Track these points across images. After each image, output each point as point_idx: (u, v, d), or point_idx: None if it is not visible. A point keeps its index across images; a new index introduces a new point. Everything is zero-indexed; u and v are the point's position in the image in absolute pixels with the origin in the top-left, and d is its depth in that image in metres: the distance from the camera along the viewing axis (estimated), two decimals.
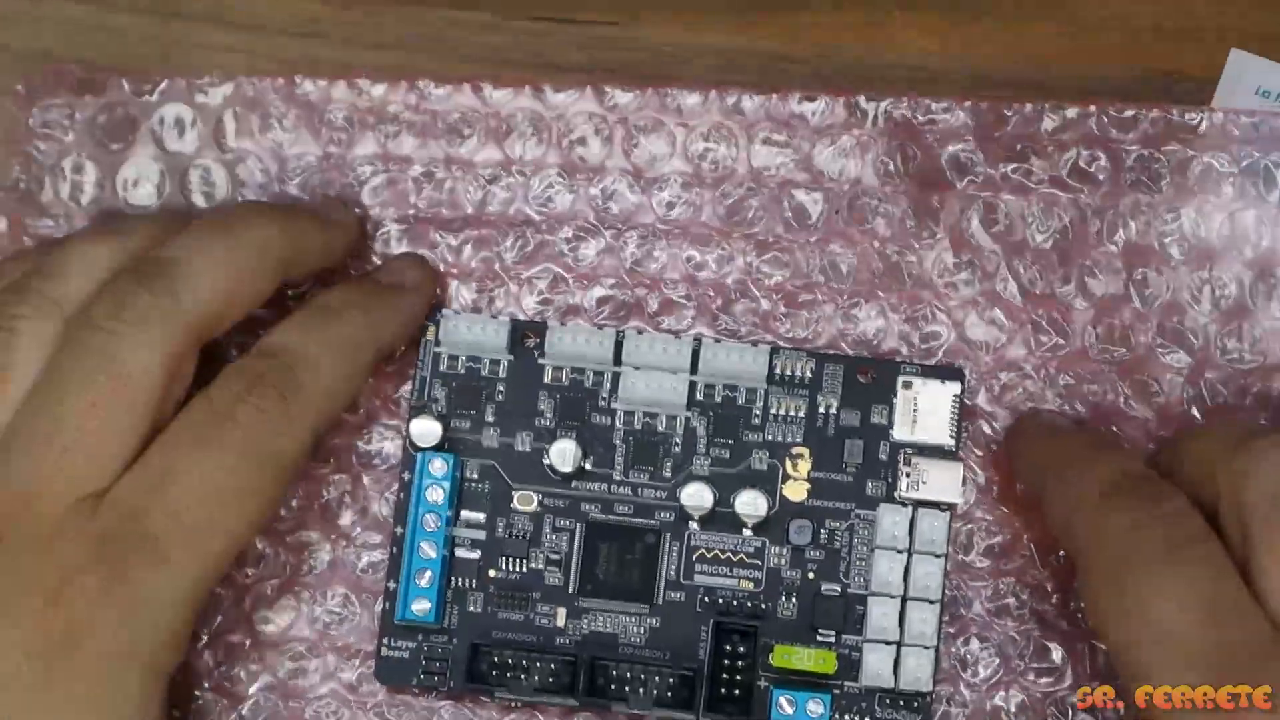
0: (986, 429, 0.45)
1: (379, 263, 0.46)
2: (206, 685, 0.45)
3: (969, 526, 0.45)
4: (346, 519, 0.45)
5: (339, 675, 0.45)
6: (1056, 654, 0.44)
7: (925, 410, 0.45)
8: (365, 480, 0.45)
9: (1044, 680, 0.44)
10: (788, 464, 0.44)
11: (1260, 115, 0.45)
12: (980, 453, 0.45)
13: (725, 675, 0.43)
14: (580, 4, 0.47)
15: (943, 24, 0.47)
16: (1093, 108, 0.45)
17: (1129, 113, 0.45)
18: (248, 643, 0.45)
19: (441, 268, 0.46)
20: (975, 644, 0.44)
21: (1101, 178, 0.45)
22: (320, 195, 0.46)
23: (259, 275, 0.41)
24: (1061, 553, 0.44)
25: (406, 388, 0.45)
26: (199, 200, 0.46)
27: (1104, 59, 0.46)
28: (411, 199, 0.46)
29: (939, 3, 0.47)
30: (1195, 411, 0.44)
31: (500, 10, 0.47)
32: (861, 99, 0.46)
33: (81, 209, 0.46)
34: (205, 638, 0.45)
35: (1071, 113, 0.45)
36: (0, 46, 0.47)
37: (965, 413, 0.45)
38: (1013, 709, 0.44)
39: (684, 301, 0.46)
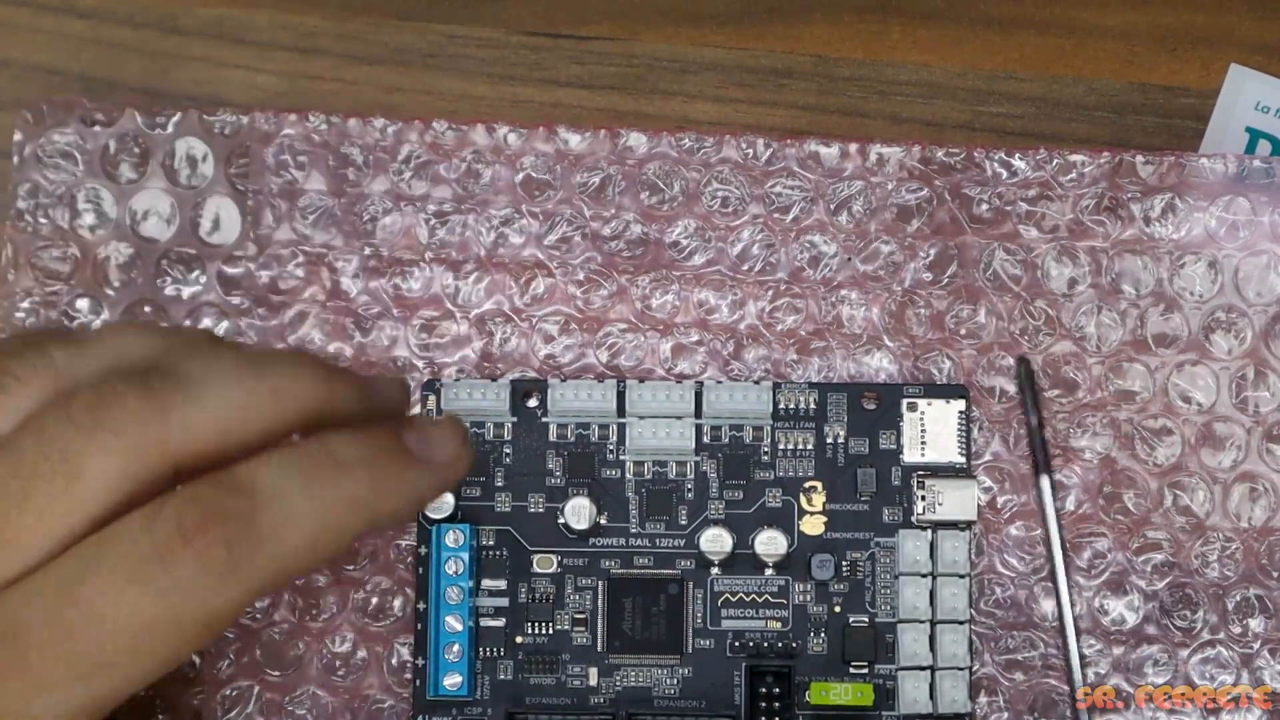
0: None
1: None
2: None
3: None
4: (356, 565, 0.45)
5: None
6: None
7: (933, 431, 0.44)
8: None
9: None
10: (802, 499, 0.44)
11: None
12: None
13: (764, 718, 0.43)
14: (580, 19, 0.47)
15: (942, 37, 0.47)
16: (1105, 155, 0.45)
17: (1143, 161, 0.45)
18: (255, 689, 0.45)
19: (449, 306, 0.46)
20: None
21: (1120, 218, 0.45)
22: (379, 372, 0.45)
23: (267, 418, 0.36)
24: None
25: None
26: (213, 237, 0.46)
27: (1103, 74, 0.46)
28: (423, 239, 0.46)
29: (938, 15, 0.47)
30: None
31: (499, 25, 0.47)
32: (877, 146, 0.46)
33: (90, 236, 0.46)
34: (222, 694, 0.44)
35: (1083, 159, 0.45)
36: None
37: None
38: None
39: (695, 346, 0.45)
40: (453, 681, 0.43)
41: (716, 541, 0.44)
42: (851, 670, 0.44)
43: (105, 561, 0.33)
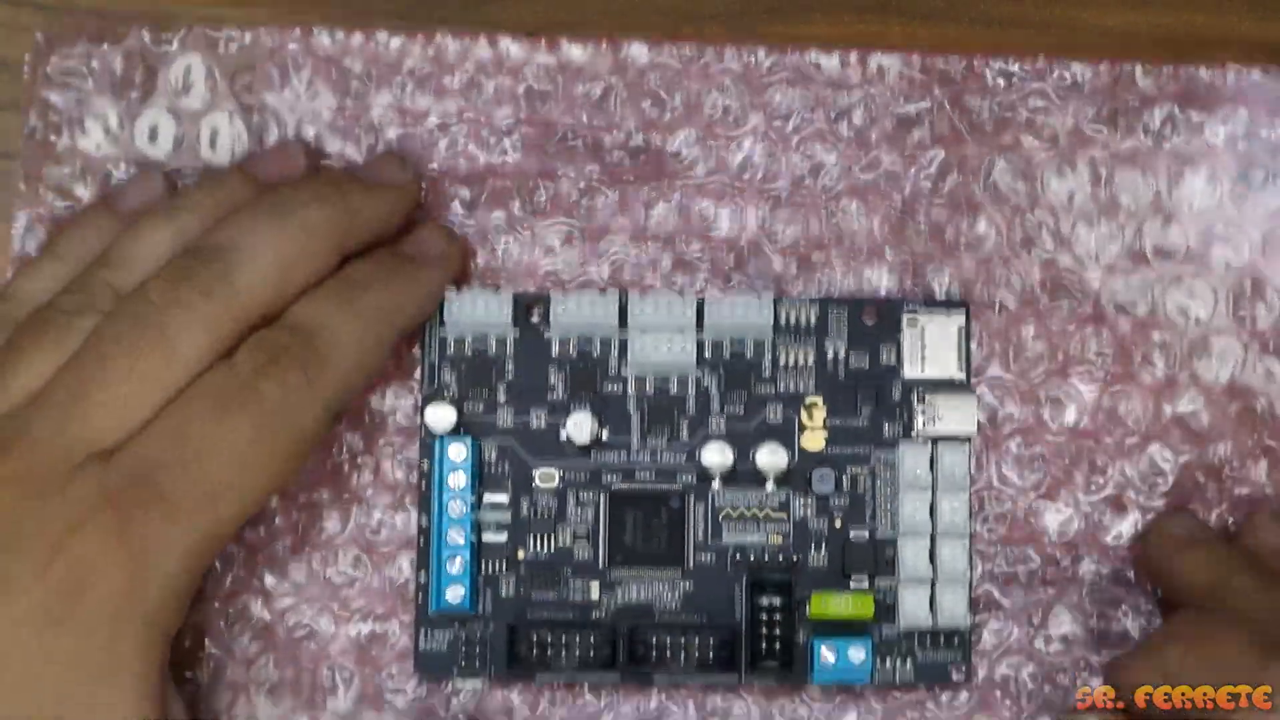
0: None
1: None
2: (216, 648, 0.44)
3: None
4: (358, 480, 0.45)
5: (350, 637, 0.44)
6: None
7: (933, 345, 0.45)
8: (378, 441, 0.45)
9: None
10: (803, 414, 0.44)
11: None
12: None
13: (764, 631, 0.43)
14: None
15: (942, 36, 0.46)
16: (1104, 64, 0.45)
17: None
18: (258, 603, 0.45)
19: (451, 217, 0.46)
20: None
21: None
22: (377, 153, 0.46)
23: (313, 258, 0.41)
24: None
25: (417, 372, 0.45)
26: (220, 156, 0.46)
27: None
28: (426, 153, 0.46)
29: (938, 15, 0.47)
30: None
31: None
32: (878, 55, 0.46)
33: (99, 155, 0.46)
34: (216, 602, 0.45)
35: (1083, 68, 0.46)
36: None
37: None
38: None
39: (697, 262, 0.45)
40: (455, 595, 0.43)
41: (718, 456, 0.44)
42: (852, 584, 0.44)
43: (204, 402, 0.39)
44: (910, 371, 0.45)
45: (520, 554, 0.44)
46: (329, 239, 0.42)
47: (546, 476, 0.44)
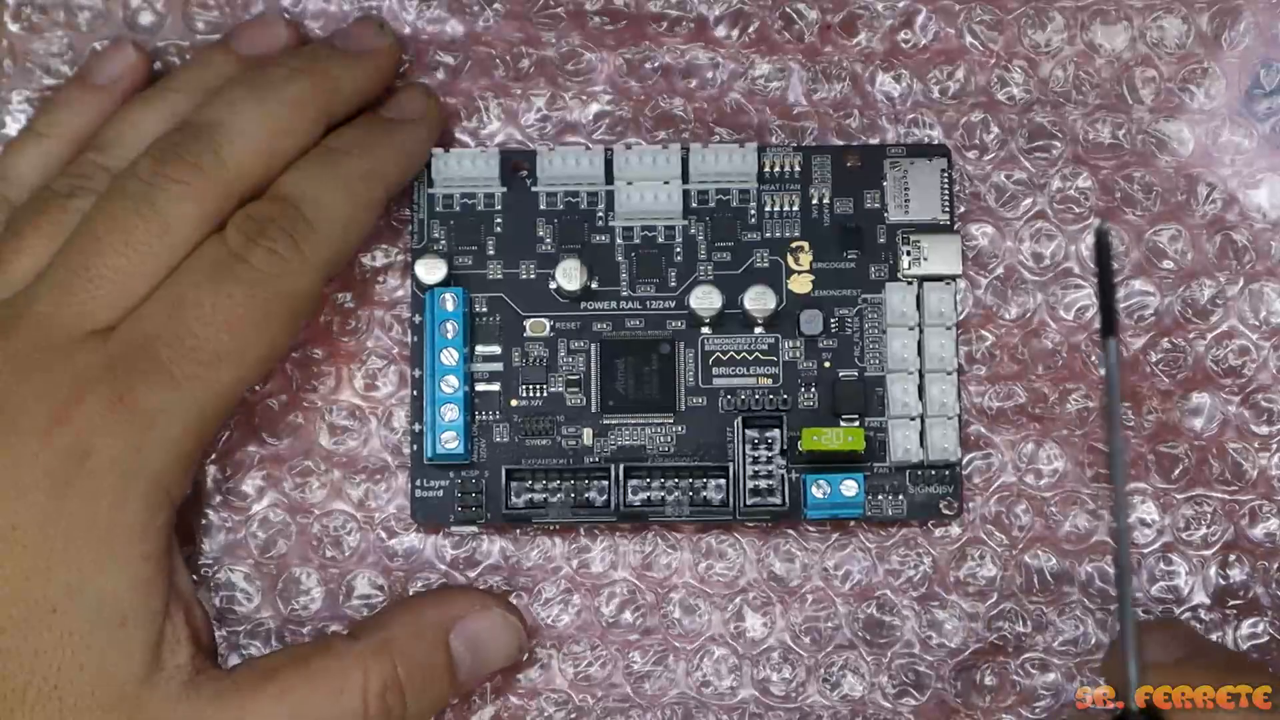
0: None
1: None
2: (214, 502, 0.45)
3: None
4: (351, 336, 0.46)
5: (346, 491, 0.45)
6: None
7: (916, 189, 0.45)
8: (370, 298, 0.46)
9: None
10: (789, 259, 0.45)
11: None
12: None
13: (756, 469, 0.44)
14: None
15: None
16: None
17: None
18: (255, 458, 0.45)
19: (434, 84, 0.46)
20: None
21: None
22: (353, 17, 0.46)
23: (298, 130, 0.42)
24: None
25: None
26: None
27: None
28: (408, 16, 0.46)
29: None
30: None
31: None
32: None
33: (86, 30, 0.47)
34: (213, 455, 0.45)
35: None
36: None
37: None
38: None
39: (680, 115, 0.46)
40: (450, 442, 0.43)
41: (706, 299, 0.44)
42: (842, 424, 0.44)
43: (198, 273, 0.40)
44: (894, 215, 0.45)
45: (513, 403, 0.44)
46: (312, 111, 0.43)
47: (537, 326, 0.45)
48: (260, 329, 0.40)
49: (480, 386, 0.44)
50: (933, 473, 0.44)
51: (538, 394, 0.44)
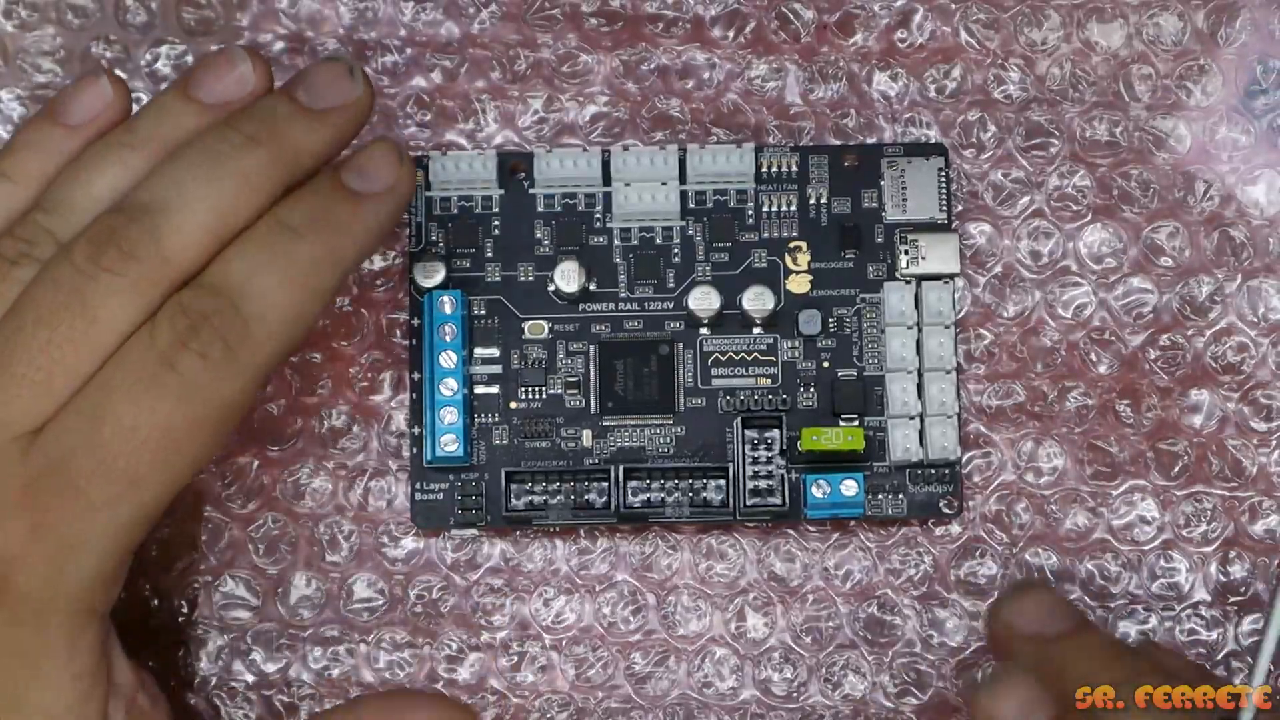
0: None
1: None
2: (214, 507, 0.45)
3: None
4: (350, 341, 0.45)
5: (346, 495, 0.45)
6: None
7: (914, 188, 0.45)
8: (368, 303, 0.46)
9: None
10: (787, 259, 0.45)
11: None
12: None
13: (756, 469, 0.44)
14: None
15: None
16: None
17: None
18: (255, 463, 0.45)
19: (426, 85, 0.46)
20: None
21: None
22: (323, 58, 0.45)
23: (248, 208, 0.38)
24: None
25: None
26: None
27: None
28: (404, 18, 0.46)
29: None
30: None
31: None
32: None
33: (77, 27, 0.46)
34: (212, 465, 0.45)
35: None
36: None
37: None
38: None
39: (678, 116, 0.46)
40: (450, 445, 0.43)
41: (705, 299, 0.44)
42: (841, 424, 0.44)
43: (122, 380, 0.37)
44: (892, 214, 0.45)
45: (512, 405, 0.44)
46: (268, 185, 0.39)
47: (536, 329, 0.45)
48: (187, 442, 0.37)
49: (479, 389, 0.44)
50: (932, 472, 0.44)
51: (537, 396, 0.44)
